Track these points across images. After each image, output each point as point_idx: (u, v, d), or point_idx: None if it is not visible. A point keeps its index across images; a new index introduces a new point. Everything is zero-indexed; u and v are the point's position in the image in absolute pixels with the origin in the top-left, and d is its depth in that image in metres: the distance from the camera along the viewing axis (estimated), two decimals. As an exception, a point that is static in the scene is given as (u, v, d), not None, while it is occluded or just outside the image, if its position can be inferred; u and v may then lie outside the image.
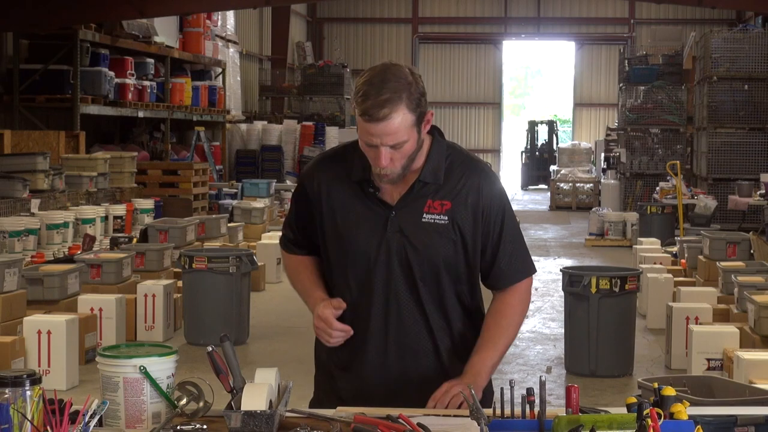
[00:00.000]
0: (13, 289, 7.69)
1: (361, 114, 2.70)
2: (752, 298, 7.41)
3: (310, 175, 2.96)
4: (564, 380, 7.54)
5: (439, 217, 2.84)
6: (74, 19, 13.66)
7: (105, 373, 2.61)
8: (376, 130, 2.69)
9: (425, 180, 2.84)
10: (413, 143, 2.76)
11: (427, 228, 2.84)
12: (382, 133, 2.69)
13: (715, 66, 17.62)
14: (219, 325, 8.25)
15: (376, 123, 2.68)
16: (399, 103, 2.68)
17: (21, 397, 2.31)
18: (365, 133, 2.72)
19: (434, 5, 32.83)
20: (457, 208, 2.85)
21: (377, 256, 2.85)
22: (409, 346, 2.88)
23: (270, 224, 15.13)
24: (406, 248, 2.84)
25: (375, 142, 2.71)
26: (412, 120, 2.72)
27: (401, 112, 2.68)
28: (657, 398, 2.36)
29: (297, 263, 3.04)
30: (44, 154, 11.95)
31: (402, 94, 2.68)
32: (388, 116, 2.67)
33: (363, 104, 2.68)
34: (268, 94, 26.50)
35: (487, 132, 34.20)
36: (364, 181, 2.86)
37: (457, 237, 2.85)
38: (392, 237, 2.84)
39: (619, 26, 31.94)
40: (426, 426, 2.42)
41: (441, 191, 2.85)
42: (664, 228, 15.12)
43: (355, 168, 2.87)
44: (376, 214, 2.86)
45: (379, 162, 2.74)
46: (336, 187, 2.89)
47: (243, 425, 2.44)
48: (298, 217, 3.00)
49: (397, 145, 2.72)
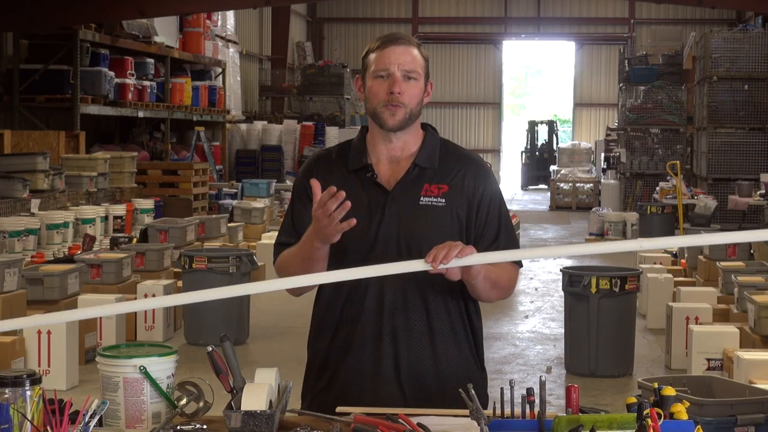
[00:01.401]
0: (13, 289, 7.70)
1: (379, 46, 2.86)
2: (752, 298, 7.41)
3: (308, 171, 2.98)
4: (564, 380, 7.54)
5: (436, 199, 2.88)
6: (74, 19, 13.66)
7: (105, 373, 2.61)
8: (395, 53, 2.83)
9: (420, 164, 2.90)
10: (420, 90, 2.88)
11: (425, 210, 2.87)
12: (402, 55, 2.84)
13: (715, 66, 17.62)
14: (219, 325, 8.25)
15: (397, 45, 2.84)
16: (414, 43, 2.90)
17: (21, 397, 2.31)
18: (381, 62, 2.84)
19: (434, 5, 32.83)
20: (453, 193, 2.90)
21: (375, 240, 2.86)
22: (405, 330, 2.87)
23: (270, 224, 15.13)
24: (404, 231, 2.86)
25: (392, 69, 2.83)
26: (423, 65, 2.88)
27: (416, 50, 2.88)
28: (657, 398, 2.36)
29: (286, 250, 2.97)
30: (44, 154, 11.95)
31: (414, 43, 2.90)
32: (408, 44, 2.86)
33: (383, 37, 2.87)
34: (268, 94, 26.51)
35: (487, 132, 34.20)
36: (361, 168, 2.91)
37: (454, 220, 2.89)
38: (390, 220, 2.87)
39: (619, 26, 31.94)
40: (426, 426, 2.43)
41: (437, 176, 2.91)
42: (664, 228, 15.13)
43: (351, 158, 2.93)
44: (374, 198, 2.89)
45: (394, 86, 2.82)
46: (334, 176, 2.91)
47: (243, 425, 2.44)
48: (297, 218, 2.97)
49: (411, 73, 2.83)
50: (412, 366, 2.87)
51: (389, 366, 2.87)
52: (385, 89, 2.83)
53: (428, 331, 2.89)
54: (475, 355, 2.98)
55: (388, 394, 2.84)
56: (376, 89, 2.85)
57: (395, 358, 2.87)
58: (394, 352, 2.87)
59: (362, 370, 2.88)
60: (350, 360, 2.90)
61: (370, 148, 2.95)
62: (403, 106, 2.84)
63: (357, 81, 2.96)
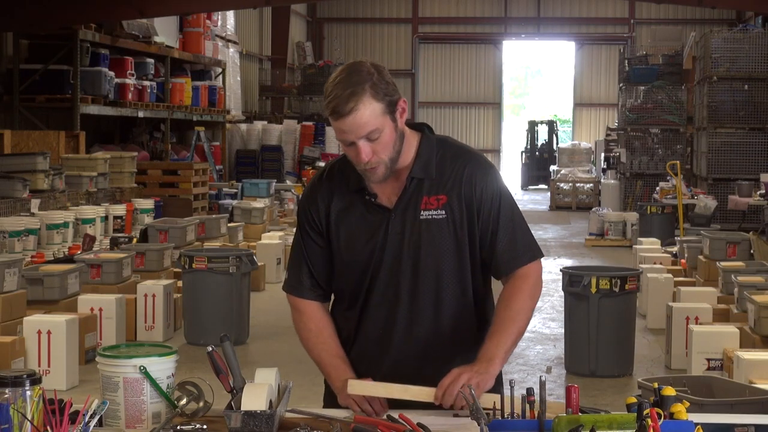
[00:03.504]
0: (13, 289, 7.69)
1: (330, 114, 2.75)
2: (752, 298, 7.41)
3: (311, 199, 2.95)
4: (564, 380, 7.54)
5: (436, 212, 2.85)
6: (74, 19, 13.66)
7: (105, 373, 2.61)
8: (346, 124, 2.72)
9: (416, 176, 2.85)
10: (390, 132, 2.77)
11: (427, 225, 2.84)
12: (353, 125, 2.72)
13: (715, 66, 17.62)
14: (219, 325, 8.25)
15: (344, 118, 2.71)
16: (363, 94, 2.71)
17: (21, 397, 2.31)
18: (340, 132, 2.75)
19: (434, 5, 32.82)
20: (452, 201, 2.85)
21: (381, 260, 2.85)
22: (414, 349, 2.87)
23: (270, 224, 15.14)
24: (408, 248, 2.84)
25: (350, 139, 2.73)
26: (381, 108, 2.73)
27: (367, 102, 2.71)
28: (657, 398, 2.36)
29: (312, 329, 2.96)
30: (44, 154, 11.95)
31: (365, 86, 2.71)
32: (354, 109, 2.70)
33: (330, 104, 2.74)
34: (268, 94, 26.50)
35: (487, 132, 34.19)
36: (361, 190, 2.87)
37: (455, 230, 2.85)
38: (393, 239, 2.85)
39: (619, 26, 31.93)
40: (426, 426, 2.42)
41: (435, 186, 2.86)
42: (664, 228, 15.12)
43: (351, 179, 2.88)
44: (376, 219, 2.86)
45: (360, 157, 2.75)
46: (336, 199, 2.90)
47: (243, 425, 2.44)
48: (310, 251, 2.95)
49: (371, 135, 2.73)
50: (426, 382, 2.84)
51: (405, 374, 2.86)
52: (355, 156, 2.78)
53: (439, 350, 2.87)
54: None
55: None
56: (348, 152, 2.80)
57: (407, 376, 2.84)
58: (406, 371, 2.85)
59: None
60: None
61: None
62: (380, 163, 2.78)
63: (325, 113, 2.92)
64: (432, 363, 2.85)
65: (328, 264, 2.94)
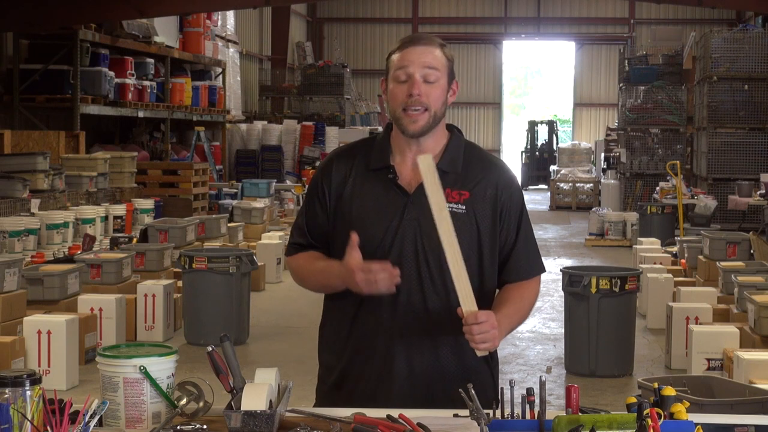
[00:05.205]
0: (13, 289, 7.69)
1: (399, 47, 2.84)
2: (752, 298, 7.41)
3: (327, 169, 2.95)
4: (564, 380, 7.54)
5: (457, 206, 2.83)
6: (74, 19, 13.66)
7: (105, 373, 2.61)
8: (415, 53, 2.80)
9: (443, 168, 2.84)
10: (443, 90, 2.83)
11: None
12: (421, 54, 2.80)
13: (715, 66, 17.62)
14: (219, 325, 8.25)
15: (416, 46, 2.81)
16: (436, 43, 2.85)
17: (21, 397, 2.31)
18: (401, 64, 2.81)
19: (434, 5, 32.83)
20: (475, 199, 2.86)
21: (392, 243, 2.83)
22: (416, 337, 2.85)
23: (270, 224, 15.13)
24: (421, 236, 2.82)
25: (411, 70, 2.79)
26: (446, 64, 2.84)
27: (437, 50, 2.83)
28: (657, 398, 2.36)
29: (303, 258, 2.97)
30: (44, 154, 11.95)
31: (437, 43, 2.85)
32: (427, 43, 2.82)
33: (402, 40, 2.86)
34: (268, 94, 26.50)
35: (487, 132, 34.21)
36: (383, 168, 2.87)
37: (474, 227, 2.85)
38: (408, 224, 2.83)
39: (619, 26, 31.94)
40: (426, 426, 2.42)
41: (460, 181, 2.86)
42: (664, 228, 15.12)
43: (373, 157, 2.89)
44: (394, 200, 2.85)
45: (413, 88, 2.78)
46: (354, 175, 2.89)
47: (243, 425, 2.44)
48: (311, 220, 2.95)
49: (430, 75, 2.79)
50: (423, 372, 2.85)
51: (401, 366, 2.86)
52: (405, 92, 2.80)
53: (439, 341, 2.86)
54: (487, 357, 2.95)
55: (400, 395, 2.83)
56: (396, 92, 2.82)
57: (408, 366, 2.86)
58: (407, 361, 2.85)
59: (373, 372, 2.88)
60: (363, 368, 2.90)
61: (394, 147, 2.91)
62: (425, 108, 2.80)
63: (382, 84, 2.92)
64: (441, 347, 2.86)
65: (325, 236, 2.93)
